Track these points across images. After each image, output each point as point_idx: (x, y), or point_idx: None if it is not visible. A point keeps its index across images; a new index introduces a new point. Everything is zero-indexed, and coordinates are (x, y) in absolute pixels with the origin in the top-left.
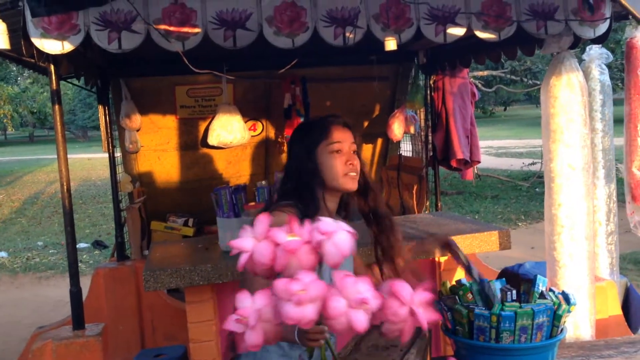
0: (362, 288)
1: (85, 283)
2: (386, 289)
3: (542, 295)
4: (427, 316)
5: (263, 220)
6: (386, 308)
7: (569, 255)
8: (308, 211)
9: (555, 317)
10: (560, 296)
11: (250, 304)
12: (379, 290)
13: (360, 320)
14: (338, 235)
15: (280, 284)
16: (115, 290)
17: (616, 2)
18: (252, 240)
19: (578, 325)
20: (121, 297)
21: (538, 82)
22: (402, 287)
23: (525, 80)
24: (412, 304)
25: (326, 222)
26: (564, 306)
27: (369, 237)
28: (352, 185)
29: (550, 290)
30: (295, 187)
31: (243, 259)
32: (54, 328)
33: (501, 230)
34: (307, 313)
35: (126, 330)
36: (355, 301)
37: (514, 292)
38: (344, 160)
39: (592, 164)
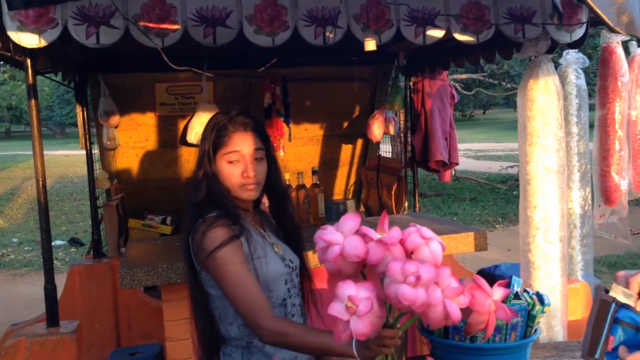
0: (453, 281)
1: (60, 281)
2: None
3: (517, 296)
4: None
5: (352, 217)
6: (473, 300)
7: (543, 257)
8: (229, 214)
9: (530, 318)
10: (534, 297)
11: (355, 293)
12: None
13: (456, 311)
14: (432, 244)
15: (395, 265)
16: (90, 287)
17: (590, 9)
18: (340, 235)
19: (551, 326)
20: (97, 294)
21: (516, 86)
22: (483, 281)
23: (504, 84)
24: (494, 297)
25: (425, 229)
26: (538, 307)
27: None
28: (248, 195)
29: (525, 291)
30: (209, 193)
31: (334, 251)
32: (28, 325)
33: (478, 231)
34: (420, 295)
35: (102, 328)
36: (451, 291)
37: None
38: (240, 172)
39: (567, 167)
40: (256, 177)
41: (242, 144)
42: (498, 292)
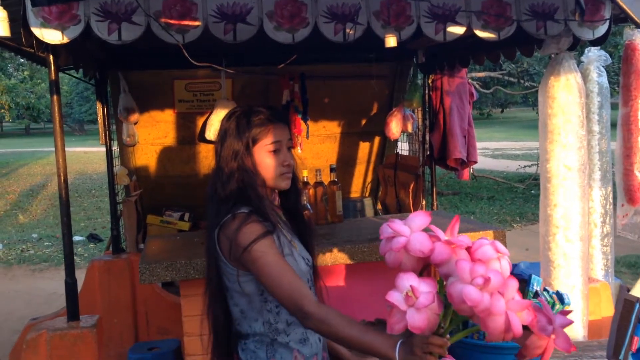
0: (518, 296)
1: (79, 276)
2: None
3: (536, 295)
4: (565, 342)
5: (422, 215)
6: (534, 321)
7: (563, 256)
8: (260, 211)
9: None
10: (554, 296)
11: (417, 285)
12: None
13: (518, 325)
14: (504, 260)
15: (464, 264)
16: (110, 283)
17: (615, 4)
18: (408, 229)
19: (571, 326)
20: (116, 290)
21: (535, 84)
22: (547, 306)
23: (522, 82)
24: (555, 324)
25: (499, 243)
26: (558, 306)
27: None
28: (287, 184)
29: (545, 290)
30: (238, 188)
31: (399, 242)
32: (48, 319)
33: (496, 230)
34: (485, 299)
35: (120, 323)
36: (516, 304)
37: None
38: (281, 161)
39: (588, 165)
40: (293, 166)
41: (281, 134)
42: (560, 319)
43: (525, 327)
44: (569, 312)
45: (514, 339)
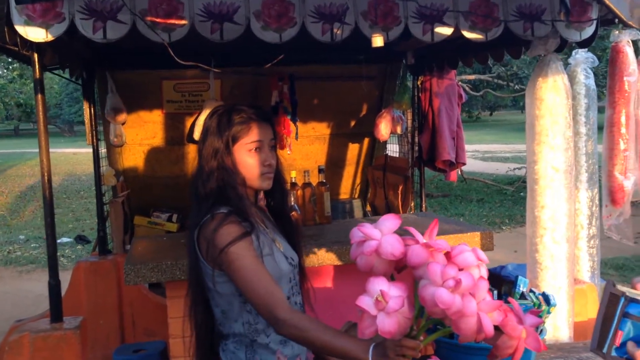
0: (488, 296)
1: (66, 278)
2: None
3: (522, 296)
4: (535, 341)
5: (392, 218)
6: (505, 321)
7: (550, 257)
8: (239, 211)
9: None
10: (540, 297)
11: (387, 289)
12: None
13: (489, 326)
14: (483, 268)
15: (435, 267)
16: (96, 284)
17: (602, 4)
18: (379, 232)
19: (557, 327)
20: (102, 291)
21: (524, 87)
22: (517, 306)
23: (512, 85)
24: (525, 324)
25: (480, 251)
26: (544, 307)
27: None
28: (268, 184)
29: (531, 291)
30: (218, 187)
31: (371, 245)
32: (32, 321)
33: (484, 231)
34: (456, 301)
35: (106, 324)
36: (487, 305)
37: (495, 292)
38: (262, 160)
39: (575, 167)
40: (274, 166)
41: (263, 134)
42: (530, 319)
43: (496, 328)
44: (539, 311)
45: (485, 339)
